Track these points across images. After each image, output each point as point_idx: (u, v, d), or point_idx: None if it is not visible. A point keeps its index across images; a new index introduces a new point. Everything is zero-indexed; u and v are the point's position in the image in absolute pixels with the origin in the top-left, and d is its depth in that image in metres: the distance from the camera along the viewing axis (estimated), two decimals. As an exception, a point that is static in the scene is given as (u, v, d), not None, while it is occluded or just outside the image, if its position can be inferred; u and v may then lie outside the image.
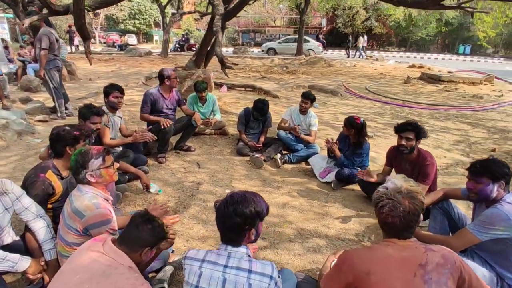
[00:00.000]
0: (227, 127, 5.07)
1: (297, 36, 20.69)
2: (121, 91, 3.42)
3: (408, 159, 2.91)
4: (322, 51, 20.73)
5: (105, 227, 1.74)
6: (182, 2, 16.65)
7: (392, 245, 1.36)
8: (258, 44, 29.63)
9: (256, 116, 4.26)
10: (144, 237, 1.49)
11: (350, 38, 23.14)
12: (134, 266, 1.43)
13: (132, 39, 25.75)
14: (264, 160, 3.96)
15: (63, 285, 1.33)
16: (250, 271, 1.32)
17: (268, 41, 28.69)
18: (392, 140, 5.27)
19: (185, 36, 22.64)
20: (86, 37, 3.87)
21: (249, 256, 1.39)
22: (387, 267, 1.29)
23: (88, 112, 2.84)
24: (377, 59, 18.23)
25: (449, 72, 11.65)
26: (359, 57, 20.52)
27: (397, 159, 3.04)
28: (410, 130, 2.78)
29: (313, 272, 2.23)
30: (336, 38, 28.88)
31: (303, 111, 4.26)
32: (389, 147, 3.16)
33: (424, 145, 5.07)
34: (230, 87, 8.89)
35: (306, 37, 20.75)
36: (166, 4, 15.48)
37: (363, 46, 21.14)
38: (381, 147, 4.88)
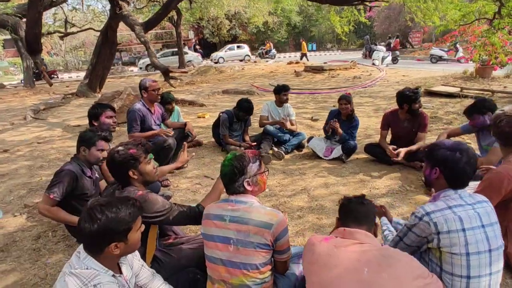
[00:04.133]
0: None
1: (173, 50, 20.38)
2: (113, 109, 2.84)
3: (406, 118, 3.54)
4: (201, 61, 21.10)
5: (288, 234, 1.54)
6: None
7: None
8: (126, 63, 27.62)
9: (242, 116, 4.21)
10: (372, 210, 1.45)
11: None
12: None
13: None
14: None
15: (346, 282, 1.18)
16: (483, 201, 1.48)
17: (137, 59, 27.21)
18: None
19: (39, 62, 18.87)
20: (40, 49, 2.91)
21: None
22: None
23: (94, 136, 2.25)
24: (255, 62, 19.88)
25: (324, 63, 13.93)
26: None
27: (394, 120, 3.64)
28: (419, 96, 3.41)
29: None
30: (205, 48, 29.86)
31: (283, 103, 4.46)
32: (384, 113, 3.76)
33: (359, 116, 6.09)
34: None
35: (185, 49, 20.69)
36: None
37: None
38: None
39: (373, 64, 13.88)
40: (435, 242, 1.43)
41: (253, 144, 4.21)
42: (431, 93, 7.47)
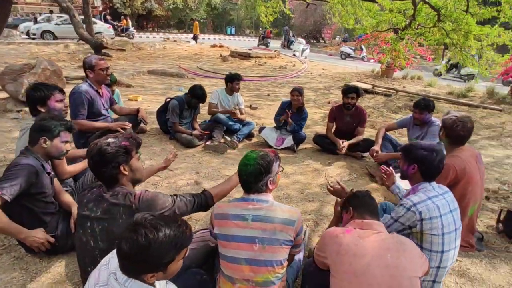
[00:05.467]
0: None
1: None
2: (63, 91, 2.41)
3: (349, 113, 3.97)
4: (113, 34, 18.83)
5: (303, 229, 1.64)
6: None
7: (461, 150, 2.29)
8: (10, 26, 22.63)
9: (195, 103, 4.05)
10: (377, 205, 1.65)
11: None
12: None
13: None
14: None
15: (375, 268, 1.35)
16: (448, 191, 1.84)
17: (25, 22, 22.67)
18: (272, 108, 6.30)
19: None
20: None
21: None
22: (469, 162, 2.24)
23: (58, 125, 1.92)
24: (175, 41, 18.76)
25: (249, 49, 14.10)
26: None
27: (339, 115, 4.04)
28: (353, 92, 3.80)
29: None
30: (115, 19, 26.72)
31: (234, 92, 4.43)
32: (331, 108, 4.11)
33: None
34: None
35: (93, 19, 18.06)
36: None
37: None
38: (271, 114, 5.54)
39: (294, 55, 14.73)
40: (418, 227, 1.73)
41: (205, 132, 4.10)
42: (349, 88, 8.41)
